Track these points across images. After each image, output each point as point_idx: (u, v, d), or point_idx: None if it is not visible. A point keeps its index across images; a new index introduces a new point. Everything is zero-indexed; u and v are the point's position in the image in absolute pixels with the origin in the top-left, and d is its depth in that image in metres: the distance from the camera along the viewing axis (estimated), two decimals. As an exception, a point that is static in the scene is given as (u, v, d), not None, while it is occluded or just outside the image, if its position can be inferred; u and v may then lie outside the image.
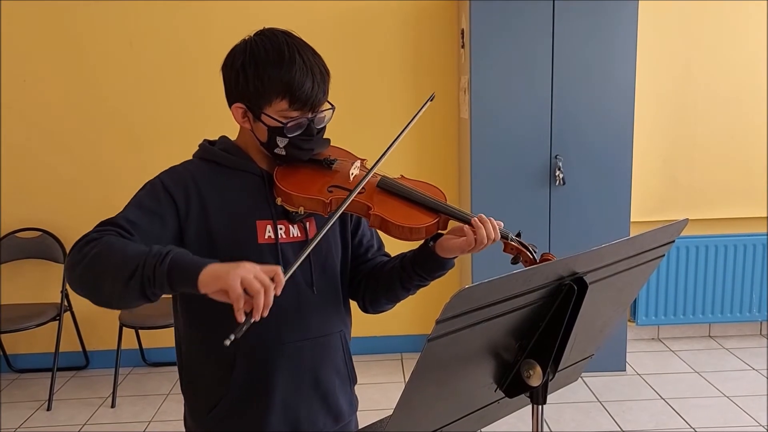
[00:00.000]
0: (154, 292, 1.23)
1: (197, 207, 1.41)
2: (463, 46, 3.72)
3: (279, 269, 1.21)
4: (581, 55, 3.51)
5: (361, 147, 1.61)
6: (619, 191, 3.63)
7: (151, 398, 3.68)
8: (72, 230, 3.93)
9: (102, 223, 1.35)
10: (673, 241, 1.29)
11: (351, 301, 1.65)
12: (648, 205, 4.10)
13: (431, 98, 1.61)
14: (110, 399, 3.65)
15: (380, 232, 1.47)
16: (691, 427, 3.20)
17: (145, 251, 1.23)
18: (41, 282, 4.00)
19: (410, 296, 1.59)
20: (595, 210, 3.62)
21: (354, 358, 1.63)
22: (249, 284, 1.16)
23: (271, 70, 1.38)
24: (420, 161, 4.01)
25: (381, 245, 1.69)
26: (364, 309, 1.65)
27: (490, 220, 1.41)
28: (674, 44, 4.00)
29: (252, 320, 1.16)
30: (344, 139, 1.63)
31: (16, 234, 3.92)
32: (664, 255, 1.31)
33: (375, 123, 3.90)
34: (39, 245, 3.92)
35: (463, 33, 3.71)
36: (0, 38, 3.80)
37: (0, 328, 3.56)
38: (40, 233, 3.92)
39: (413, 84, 3.96)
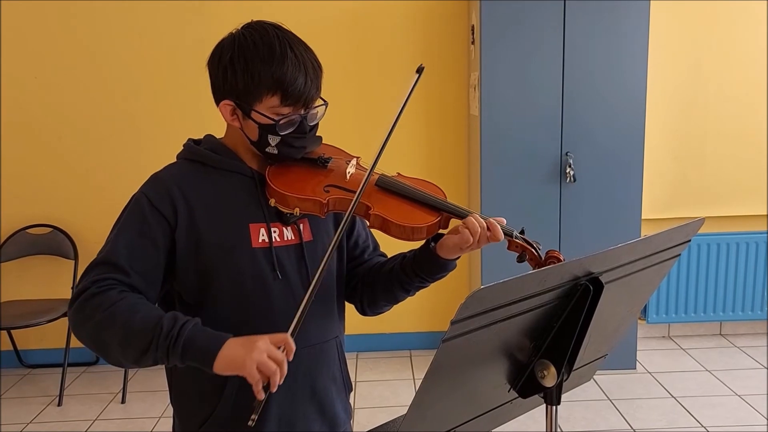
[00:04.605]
0: (166, 364, 1.30)
1: (185, 215, 1.37)
2: (473, 43, 3.71)
3: (287, 337, 1.23)
4: (592, 53, 3.49)
5: (372, 146, 1.57)
6: (630, 189, 3.61)
7: (160, 394, 3.69)
8: (83, 226, 3.95)
9: (96, 266, 1.33)
10: (689, 241, 1.28)
11: (346, 304, 1.61)
12: (659, 202, 4.08)
13: (420, 70, 1.53)
14: (120, 395, 3.66)
15: (380, 233, 1.42)
16: (702, 426, 3.19)
17: (153, 330, 1.24)
18: (52, 278, 4.02)
19: (416, 294, 1.56)
20: (605, 207, 3.60)
21: (363, 355, 1.61)
22: (265, 368, 1.20)
23: (262, 66, 1.33)
24: (430, 158, 4.00)
25: (376, 245, 1.65)
26: (362, 311, 1.62)
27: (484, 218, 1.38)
28: (685, 43, 3.97)
29: (269, 392, 1.21)
30: (354, 138, 1.61)
31: (27, 230, 3.93)
32: (679, 255, 1.30)
33: (385, 121, 3.88)
34: (50, 241, 3.93)
35: (473, 29, 3.69)
36: (1, 37, 3.82)
37: (6, 323, 3.57)
38: (51, 229, 3.93)
39: (423, 81, 3.91)
